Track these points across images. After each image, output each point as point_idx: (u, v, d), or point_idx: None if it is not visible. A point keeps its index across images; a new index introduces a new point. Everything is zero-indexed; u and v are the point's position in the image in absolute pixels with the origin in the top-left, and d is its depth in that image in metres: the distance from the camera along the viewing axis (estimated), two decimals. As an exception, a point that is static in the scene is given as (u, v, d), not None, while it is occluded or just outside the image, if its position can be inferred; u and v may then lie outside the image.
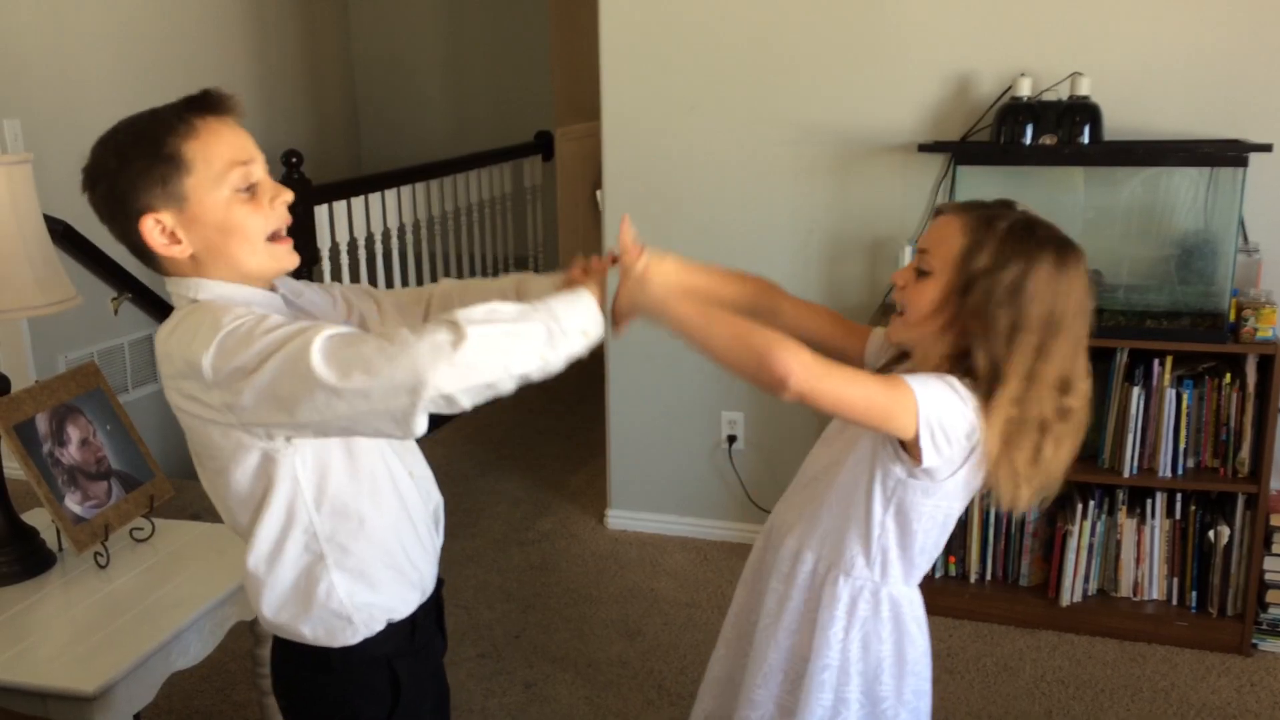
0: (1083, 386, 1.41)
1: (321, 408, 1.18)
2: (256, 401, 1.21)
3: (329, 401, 1.17)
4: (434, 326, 1.17)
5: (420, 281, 4.46)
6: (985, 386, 1.35)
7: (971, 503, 2.92)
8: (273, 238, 1.33)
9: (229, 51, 4.43)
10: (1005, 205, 1.43)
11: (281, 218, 1.33)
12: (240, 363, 1.19)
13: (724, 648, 1.70)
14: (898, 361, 1.53)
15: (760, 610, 1.59)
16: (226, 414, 1.24)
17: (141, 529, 2.14)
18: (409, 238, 4.33)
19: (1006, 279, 1.34)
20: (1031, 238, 1.37)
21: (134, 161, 1.25)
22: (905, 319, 1.44)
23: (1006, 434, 1.36)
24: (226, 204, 1.28)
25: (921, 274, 1.42)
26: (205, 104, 1.29)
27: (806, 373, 1.29)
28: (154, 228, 1.27)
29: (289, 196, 1.34)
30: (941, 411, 1.34)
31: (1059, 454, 1.41)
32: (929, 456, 1.36)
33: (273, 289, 1.38)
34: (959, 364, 1.39)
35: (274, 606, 1.37)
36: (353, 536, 1.36)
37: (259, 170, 1.31)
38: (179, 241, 1.28)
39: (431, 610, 1.51)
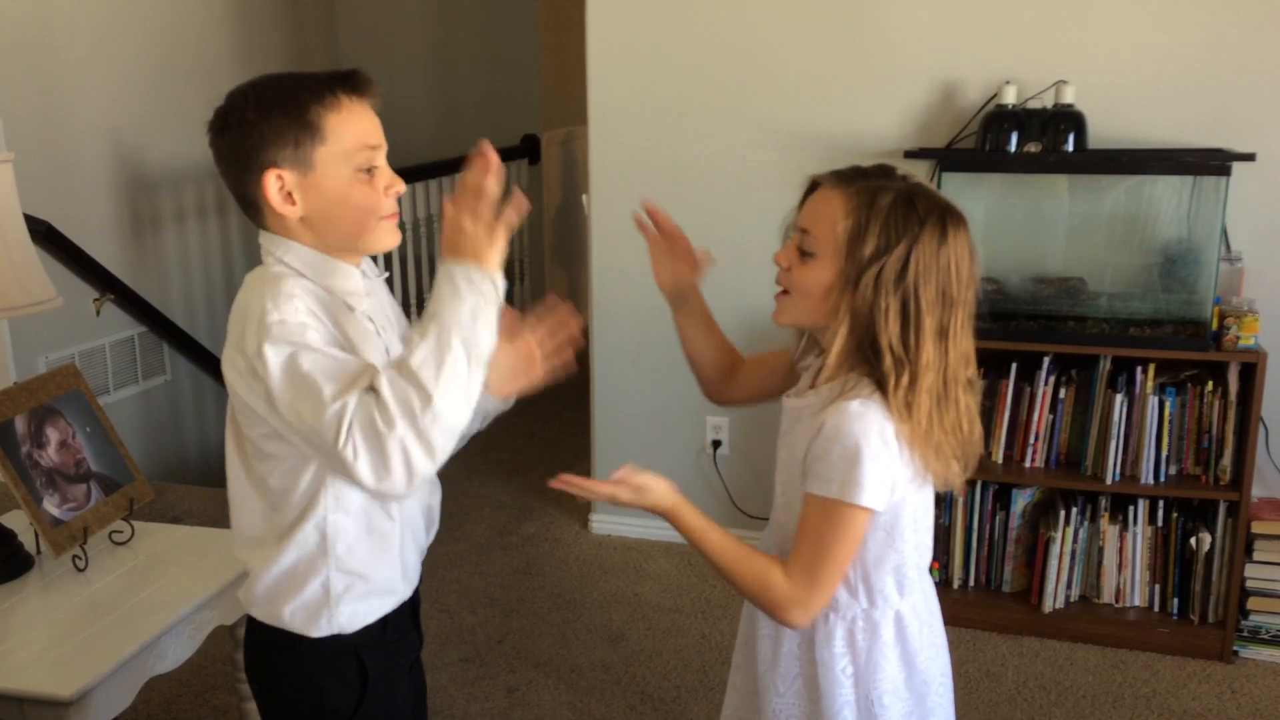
0: (974, 355, 1.40)
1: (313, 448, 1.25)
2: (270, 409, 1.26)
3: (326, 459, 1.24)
4: (405, 436, 1.19)
5: (405, 283, 4.45)
6: (895, 374, 1.32)
7: (954, 511, 2.98)
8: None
9: (214, 53, 4.40)
10: (885, 174, 1.37)
11: (391, 205, 1.37)
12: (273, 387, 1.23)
13: (734, 695, 1.63)
14: (812, 353, 1.49)
15: (757, 656, 1.53)
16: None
17: (121, 532, 2.12)
18: (393, 240, 4.31)
19: (893, 263, 1.30)
20: (914, 213, 1.31)
21: (274, 118, 1.29)
22: (793, 300, 1.40)
23: (929, 417, 1.34)
24: (348, 181, 1.33)
25: (804, 254, 1.37)
26: (351, 83, 1.33)
27: (803, 611, 1.36)
28: (275, 184, 1.31)
29: (402, 188, 1.39)
30: (884, 477, 1.33)
31: (974, 425, 1.40)
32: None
33: (358, 264, 1.41)
34: (862, 354, 1.35)
35: (268, 582, 1.38)
36: (359, 542, 1.38)
37: (381, 156, 1.37)
38: (294, 203, 1.32)
39: (407, 607, 1.50)
